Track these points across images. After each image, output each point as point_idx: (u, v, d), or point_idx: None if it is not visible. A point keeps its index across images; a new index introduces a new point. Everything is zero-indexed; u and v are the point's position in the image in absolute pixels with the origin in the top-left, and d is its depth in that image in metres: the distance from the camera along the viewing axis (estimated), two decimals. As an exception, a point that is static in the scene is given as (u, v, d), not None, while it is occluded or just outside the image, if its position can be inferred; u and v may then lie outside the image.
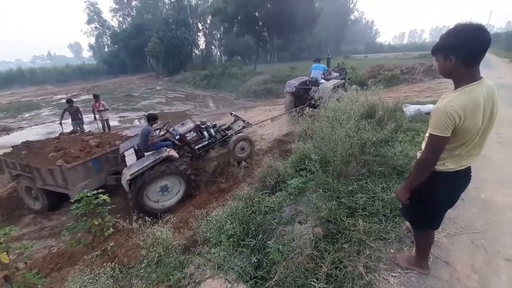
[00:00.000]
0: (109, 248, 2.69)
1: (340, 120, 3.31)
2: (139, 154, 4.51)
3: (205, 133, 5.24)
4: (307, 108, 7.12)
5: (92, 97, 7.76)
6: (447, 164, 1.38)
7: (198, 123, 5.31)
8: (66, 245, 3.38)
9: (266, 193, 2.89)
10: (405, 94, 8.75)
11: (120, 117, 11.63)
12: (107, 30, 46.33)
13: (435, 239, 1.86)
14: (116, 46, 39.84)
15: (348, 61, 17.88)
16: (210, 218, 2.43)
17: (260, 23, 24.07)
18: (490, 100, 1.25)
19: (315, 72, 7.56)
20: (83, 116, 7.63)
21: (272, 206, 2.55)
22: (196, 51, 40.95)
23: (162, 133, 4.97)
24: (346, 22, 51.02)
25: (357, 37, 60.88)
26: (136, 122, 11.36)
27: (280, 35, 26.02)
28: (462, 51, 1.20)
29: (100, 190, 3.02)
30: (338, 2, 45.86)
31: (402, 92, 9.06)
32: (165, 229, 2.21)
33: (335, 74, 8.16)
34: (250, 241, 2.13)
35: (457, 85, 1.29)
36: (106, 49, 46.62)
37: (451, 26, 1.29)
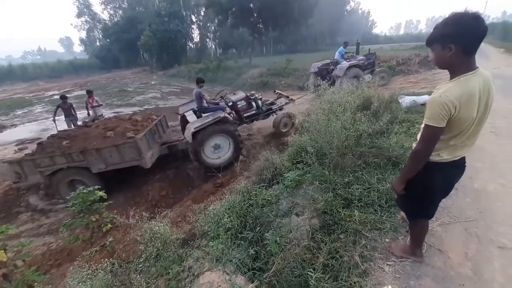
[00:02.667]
0: (107, 243, 2.70)
1: (336, 112, 3.31)
2: (197, 115, 5.20)
3: (254, 104, 5.87)
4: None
5: (85, 92, 7.61)
6: (442, 155, 1.39)
7: (248, 94, 6.00)
8: (65, 242, 3.39)
9: (263, 186, 2.91)
10: (401, 86, 8.76)
11: (114, 112, 11.43)
12: (98, 24, 45.11)
13: (429, 228, 1.90)
14: (108, 40, 38.89)
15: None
16: (208, 212, 2.44)
17: (255, 15, 23.63)
18: (485, 91, 1.24)
19: (337, 54, 8.78)
20: (77, 113, 7.50)
21: (269, 199, 2.56)
22: (191, 44, 40.25)
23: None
24: (342, 13, 50.36)
25: (353, 28, 60.10)
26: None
27: (276, 27, 25.62)
28: (463, 39, 1.19)
29: (97, 187, 3.02)
30: (334, -8, 45.11)
31: (398, 83, 9.07)
32: (162, 224, 2.22)
33: (360, 57, 8.94)
34: (248, 233, 2.15)
35: (453, 75, 1.29)
36: (98, 43, 45.51)
37: (447, 15, 1.27)
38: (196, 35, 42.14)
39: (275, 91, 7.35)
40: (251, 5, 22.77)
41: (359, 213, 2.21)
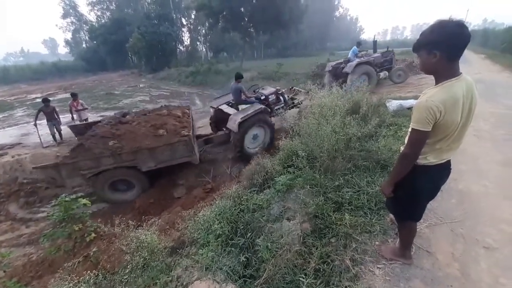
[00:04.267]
0: (91, 254, 2.57)
1: (326, 116, 3.34)
2: (234, 107, 5.58)
3: (281, 98, 6.42)
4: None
5: (70, 95, 7.34)
6: (428, 158, 1.42)
7: (275, 89, 6.52)
8: (46, 252, 3.22)
9: (254, 191, 2.88)
10: (388, 90, 9.00)
11: (101, 116, 11.08)
12: (84, 25, 43.97)
13: (417, 229, 1.93)
14: (95, 42, 37.88)
15: (333, 58, 18.08)
16: (197, 219, 2.38)
17: (246, 19, 23.81)
18: (469, 96, 1.28)
19: (351, 53, 9.24)
20: (60, 117, 7.22)
21: (261, 203, 2.53)
22: (181, 47, 39.86)
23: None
24: (331, 18, 51.64)
25: (342, 33, 61.66)
26: None
27: (267, 31, 25.89)
28: (447, 46, 1.23)
29: (79, 194, 2.89)
30: (323, -1, 46.25)
31: (385, 88, 9.31)
32: (150, 232, 2.13)
33: (375, 55, 9.30)
34: (239, 239, 2.11)
35: (438, 81, 1.32)
36: (84, 45, 44.32)
37: (431, 23, 1.31)
38: (186, 38, 41.85)
39: (291, 88, 7.97)
40: (242, 9, 22.94)
41: (350, 217, 2.21)
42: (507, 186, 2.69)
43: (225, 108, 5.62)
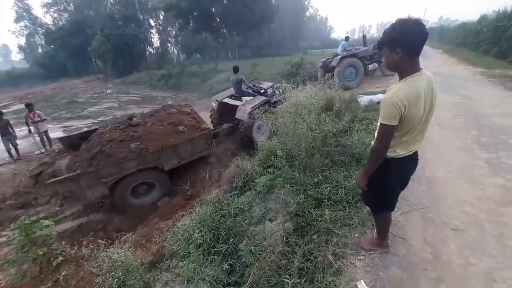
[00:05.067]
0: (60, 278, 2.35)
1: (302, 114, 3.39)
2: (237, 99, 5.87)
3: (276, 91, 6.69)
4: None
5: (25, 106, 6.64)
6: (397, 151, 1.49)
7: (273, 83, 6.92)
8: (12, 280, 2.88)
9: (235, 194, 2.83)
10: (359, 86, 9.44)
11: (63, 127, 10.14)
12: (39, 28, 40.35)
13: (392, 218, 2.02)
14: (52, 46, 34.82)
15: (306, 57, 18.52)
16: (176, 229, 2.27)
17: (218, 19, 23.51)
18: (429, 90, 1.36)
19: (340, 48, 9.73)
20: (16, 130, 6.51)
21: (242, 207, 2.50)
22: (150, 49, 38.32)
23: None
24: (302, 19, 52.98)
25: (313, 33, 63.60)
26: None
27: (240, 31, 25.81)
28: (407, 43, 1.29)
29: (42, 216, 2.63)
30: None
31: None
32: (123, 250, 1.98)
33: (362, 49, 9.74)
34: (221, 246, 2.05)
35: (401, 77, 1.39)
36: (40, 50, 40.67)
37: (393, 21, 1.37)
38: (156, 39, 40.30)
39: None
40: (213, 9, 22.60)
41: (329, 212, 2.26)
42: (467, 170, 2.94)
43: (230, 101, 5.84)
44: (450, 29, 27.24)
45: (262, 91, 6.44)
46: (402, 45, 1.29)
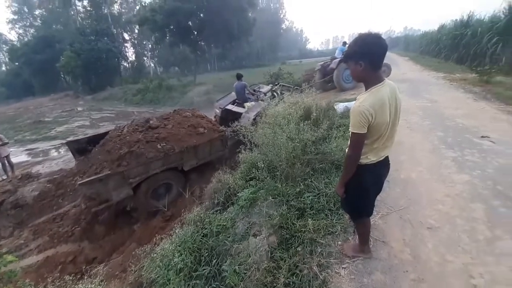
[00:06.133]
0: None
1: (281, 125, 3.43)
2: (240, 105, 6.08)
3: (275, 94, 7.12)
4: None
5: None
6: (369, 157, 1.56)
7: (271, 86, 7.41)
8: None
9: (217, 210, 2.75)
10: (334, 93, 9.83)
11: (27, 150, 9.35)
12: (3, 45, 38.00)
13: (372, 222, 2.06)
14: (17, 63, 32.82)
15: (285, 67, 19.08)
16: (155, 255, 2.13)
17: (195, 32, 23.62)
18: (393, 98, 1.45)
19: (338, 52, 10.17)
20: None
21: (225, 223, 2.42)
22: (125, 64, 37.38)
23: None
24: (279, 31, 55.14)
25: (290, 44, 66.35)
26: (54, 153, 9.23)
27: (218, 44, 26.05)
28: (369, 56, 1.38)
29: (5, 250, 2.35)
30: (270, 12, 49.23)
31: (332, 92, 10.17)
32: (94, 285, 1.81)
33: None
34: (204, 269, 1.95)
35: (367, 87, 1.47)
36: (4, 68, 38.12)
37: (361, 32, 1.47)
38: (131, 53, 39.53)
39: (276, 84, 8.79)
40: (190, 23, 22.71)
41: (312, 221, 2.26)
42: (437, 169, 3.12)
43: (234, 108, 6.07)
44: (414, 38, 29.72)
45: (261, 95, 6.75)
46: (364, 58, 1.39)
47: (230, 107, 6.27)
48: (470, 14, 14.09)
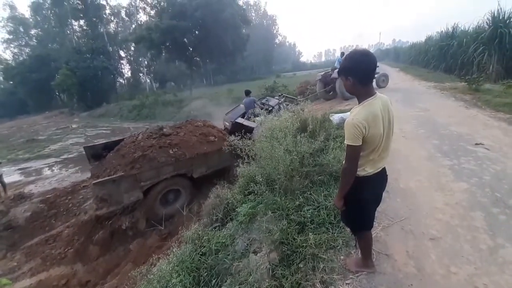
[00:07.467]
0: None
1: (278, 138, 3.44)
2: (250, 119, 6.07)
3: (281, 107, 7.14)
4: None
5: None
6: (366, 169, 1.57)
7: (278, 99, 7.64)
8: None
9: (215, 227, 2.69)
10: (330, 105, 10.00)
11: (20, 169, 9.14)
12: (-2, 65, 38.20)
13: (373, 235, 2.03)
14: (12, 82, 32.94)
15: (279, 80, 19.47)
16: (152, 276, 2.05)
17: (191, 49, 24.22)
18: (385, 110, 1.49)
19: (337, 62, 10.45)
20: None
21: (224, 241, 2.36)
22: (121, 80, 37.78)
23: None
24: (272, 45, 56.97)
25: (284, 57, 68.35)
26: (47, 172, 9.04)
27: (213, 59, 26.67)
28: (357, 72, 1.44)
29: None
30: (263, 28, 50.99)
31: (327, 104, 10.35)
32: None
33: None
34: (203, 290, 1.88)
35: (359, 100, 1.52)
36: (-2, 87, 38.15)
37: (353, 46, 1.52)
38: (127, 70, 40.04)
39: (281, 95, 9.04)
40: (185, 40, 23.31)
41: (314, 235, 2.21)
42: (435, 178, 3.13)
43: (245, 122, 6.17)
44: (403, 50, 30.84)
45: (270, 108, 6.97)
46: (353, 74, 1.45)
47: (241, 120, 6.39)
48: (454, 26, 14.79)
